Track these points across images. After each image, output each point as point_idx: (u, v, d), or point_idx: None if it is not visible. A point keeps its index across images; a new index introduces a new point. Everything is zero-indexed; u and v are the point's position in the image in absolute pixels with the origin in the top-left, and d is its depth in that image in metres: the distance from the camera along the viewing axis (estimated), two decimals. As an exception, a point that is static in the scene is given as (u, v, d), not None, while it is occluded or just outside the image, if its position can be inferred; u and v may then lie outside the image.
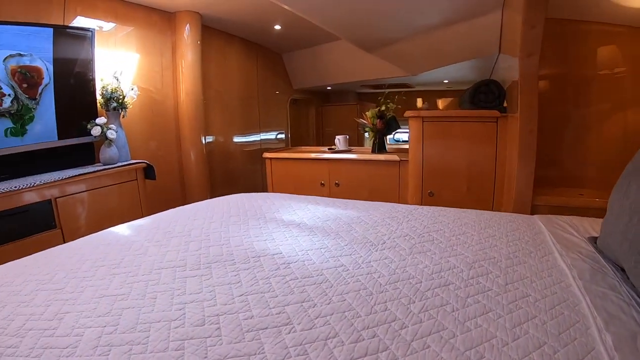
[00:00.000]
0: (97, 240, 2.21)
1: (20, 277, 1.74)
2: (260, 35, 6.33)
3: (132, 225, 2.46)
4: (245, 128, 6.64)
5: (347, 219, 2.35)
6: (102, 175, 3.81)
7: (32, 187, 3.30)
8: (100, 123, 3.88)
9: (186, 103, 5.20)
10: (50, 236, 3.43)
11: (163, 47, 5.09)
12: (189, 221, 2.42)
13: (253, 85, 6.70)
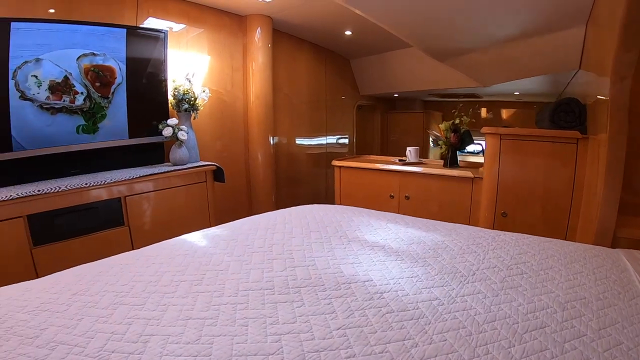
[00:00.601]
0: (172, 248, 2.13)
1: (95, 285, 1.66)
2: (329, 40, 6.23)
3: (207, 235, 2.37)
4: (312, 132, 6.55)
5: (431, 243, 2.19)
6: (172, 175, 3.78)
7: (104, 184, 3.31)
8: (172, 124, 3.83)
9: (256, 105, 5.14)
10: (118, 233, 3.45)
11: (233, 49, 5.04)
12: (268, 235, 2.31)
13: (321, 90, 6.59)
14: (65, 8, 3.61)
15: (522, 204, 3.58)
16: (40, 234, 3.05)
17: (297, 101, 6.07)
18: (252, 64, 5.09)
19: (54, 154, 3.43)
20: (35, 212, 3.02)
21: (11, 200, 2.87)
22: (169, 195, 3.77)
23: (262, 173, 5.25)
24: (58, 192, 3.10)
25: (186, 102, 4.05)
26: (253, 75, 5.10)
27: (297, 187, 6.20)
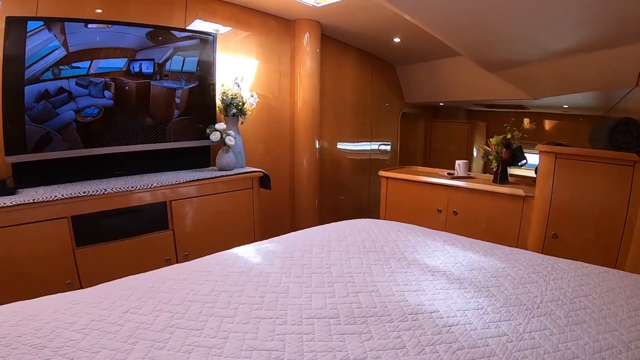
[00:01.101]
0: (226, 264, 2.03)
1: (147, 303, 1.57)
2: (376, 47, 6.09)
3: (260, 250, 2.28)
4: (355, 138, 6.39)
5: (492, 270, 2.06)
6: (218, 181, 3.70)
7: (151, 188, 3.26)
8: (219, 129, 3.76)
9: (303, 111, 5.04)
10: (162, 237, 3.40)
11: (281, 54, 4.95)
12: (324, 253, 2.21)
13: (366, 96, 6.44)
14: (114, 9, 3.61)
15: (574, 226, 3.41)
16: (83, 234, 3.01)
17: (342, 107, 5.93)
18: (300, 69, 5.00)
19: (101, 155, 3.43)
20: (79, 214, 2.99)
21: (57, 201, 2.85)
22: (214, 200, 3.70)
23: (307, 179, 5.15)
24: (104, 194, 3.06)
25: (234, 106, 3.97)
26: (301, 80, 5.03)
27: (340, 194, 6.07)
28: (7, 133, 3.06)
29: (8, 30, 2.98)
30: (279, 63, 4.93)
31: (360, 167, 6.50)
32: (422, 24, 4.00)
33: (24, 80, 3.05)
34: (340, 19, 4.86)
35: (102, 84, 3.39)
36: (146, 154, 3.73)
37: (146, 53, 3.59)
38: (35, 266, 2.83)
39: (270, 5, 4.55)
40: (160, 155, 3.83)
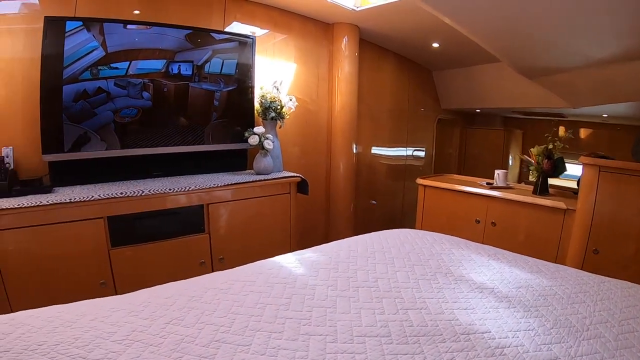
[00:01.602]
0: (269, 274, 1.97)
1: (190, 313, 1.49)
2: (414, 51, 5.95)
3: (303, 260, 2.21)
4: (391, 143, 6.25)
5: (539, 288, 1.96)
6: (257, 185, 3.63)
7: (189, 191, 3.22)
8: (258, 132, 3.70)
9: (341, 116, 4.93)
10: (198, 240, 3.35)
11: (319, 57, 4.86)
12: (370, 265, 2.13)
13: (403, 101, 6.30)
14: (152, 10, 3.58)
15: (616, 242, 3.24)
16: (119, 235, 2.99)
17: (378, 112, 5.81)
18: (338, 73, 4.89)
19: (138, 155, 3.40)
20: (116, 214, 2.97)
21: (94, 201, 2.83)
22: (251, 204, 3.63)
23: (343, 183, 5.04)
24: (142, 196, 3.02)
25: (273, 110, 3.89)
26: (339, 84, 4.93)
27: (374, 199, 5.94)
28: (44, 132, 3.04)
29: (47, 30, 2.97)
30: (317, 67, 4.84)
31: (395, 172, 6.36)
32: (462, 29, 3.88)
33: (63, 79, 3.04)
34: (379, 23, 4.76)
35: (140, 85, 3.35)
36: (183, 156, 3.69)
37: (185, 55, 3.54)
38: (69, 265, 2.82)
39: (309, 9, 4.47)
40: (198, 158, 3.79)
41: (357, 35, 4.95)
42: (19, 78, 3.13)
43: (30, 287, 2.74)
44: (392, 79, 5.99)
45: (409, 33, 5.06)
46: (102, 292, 2.73)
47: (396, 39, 5.40)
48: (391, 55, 5.91)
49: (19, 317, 1.46)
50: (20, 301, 2.68)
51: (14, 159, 3.10)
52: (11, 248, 2.66)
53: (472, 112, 8.19)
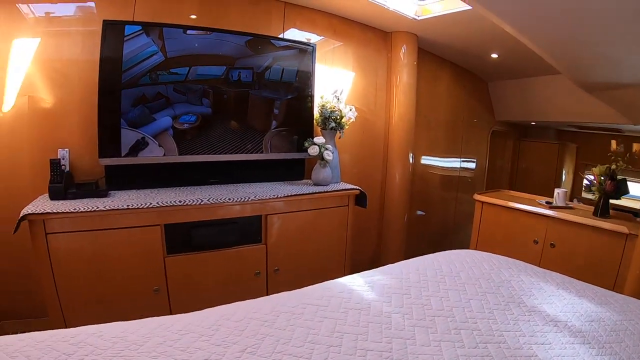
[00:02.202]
0: (340, 298, 1.90)
1: (264, 340, 1.43)
2: (471, 61, 5.78)
3: (372, 283, 2.12)
4: (445, 155, 6.04)
5: (610, 323, 1.86)
6: (316, 197, 3.52)
7: (249, 201, 3.14)
8: (318, 142, 3.59)
9: (398, 127, 4.77)
10: (255, 250, 3.29)
11: (378, 66, 4.72)
12: (442, 291, 2.06)
13: (459, 112, 6.08)
14: (211, 16, 3.56)
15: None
16: (175, 243, 2.98)
17: (435, 122, 5.62)
18: (397, 82, 4.75)
19: (195, 162, 3.35)
20: (173, 222, 2.92)
21: (151, 209, 2.78)
22: (309, 216, 3.53)
23: (398, 195, 4.87)
24: (200, 204, 2.96)
25: (333, 120, 3.77)
26: (397, 94, 4.77)
27: (426, 210, 5.74)
28: (102, 135, 3.02)
29: (105, 34, 2.95)
30: (376, 76, 4.71)
31: (448, 184, 6.14)
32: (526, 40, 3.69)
33: (121, 83, 3.01)
34: (438, 32, 4.61)
35: (200, 91, 3.29)
36: (241, 164, 3.62)
37: (245, 61, 3.47)
38: (124, 270, 2.80)
39: (369, 17, 4.35)
40: (255, 166, 3.71)
41: (416, 44, 4.80)
42: (75, 80, 3.13)
43: (83, 290, 2.72)
44: (448, 89, 5.79)
45: (468, 43, 4.90)
46: (155, 299, 2.81)
47: (454, 49, 5.23)
48: (448, 65, 5.73)
49: (81, 335, 1.40)
50: (71, 305, 2.69)
51: (69, 161, 3.08)
52: (65, 251, 2.64)
53: (525, 124, 7.90)
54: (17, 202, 2.80)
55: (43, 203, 2.72)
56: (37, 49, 3.05)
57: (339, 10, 4.19)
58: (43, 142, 3.12)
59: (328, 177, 3.69)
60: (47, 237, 2.59)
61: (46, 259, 2.60)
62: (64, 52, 3.15)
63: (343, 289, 2.00)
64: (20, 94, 3.04)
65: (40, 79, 3.09)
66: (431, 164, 5.78)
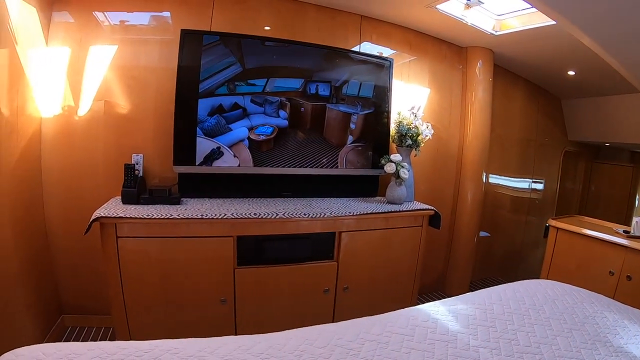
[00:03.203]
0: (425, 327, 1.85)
1: None
2: (545, 78, 5.54)
3: (456, 312, 2.06)
4: (516, 175, 5.77)
5: None
6: (391, 216, 3.39)
7: (324, 217, 3.05)
8: (395, 160, 3.48)
9: (473, 146, 4.61)
10: (326, 267, 3.20)
11: (453, 83, 4.57)
12: (527, 325, 1.96)
13: (531, 131, 5.80)
14: (287, 29, 3.55)
15: None
16: (246, 255, 2.95)
17: (509, 143, 5.40)
18: (472, 99, 4.58)
19: (269, 174, 3.33)
20: (246, 234, 2.89)
21: (225, 220, 2.75)
22: (382, 234, 3.39)
23: (469, 215, 4.68)
24: (275, 218, 2.90)
25: (409, 137, 3.64)
26: (472, 112, 4.60)
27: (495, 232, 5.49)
28: (177, 143, 3.02)
29: (183, 43, 2.97)
30: (450, 92, 4.54)
31: (517, 205, 5.85)
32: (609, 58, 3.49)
33: (199, 93, 3.00)
34: (515, 48, 4.44)
35: (277, 103, 3.25)
36: (314, 178, 3.56)
37: (323, 75, 3.41)
38: (192, 278, 2.80)
39: (444, 31, 4.23)
40: (329, 181, 3.65)
41: (492, 60, 4.63)
42: (151, 87, 3.18)
43: (148, 294, 2.73)
44: (521, 107, 5.55)
45: (545, 59, 4.70)
46: (220, 309, 2.87)
47: (529, 65, 5.03)
48: (521, 82, 5.50)
49: (155, 351, 1.37)
50: (135, 306, 2.70)
51: (143, 167, 3.10)
52: (134, 255, 2.66)
53: (598, 144, 7.52)
54: (90, 203, 2.91)
55: (115, 206, 2.75)
56: (114, 55, 3.11)
57: (416, 24, 4.08)
58: (118, 146, 3.17)
59: (403, 195, 3.57)
60: (117, 240, 2.61)
61: (115, 262, 2.61)
62: (141, 60, 3.21)
63: (427, 317, 1.94)
64: (97, 98, 3.10)
65: (116, 84, 3.15)
66: (500, 183, 5.54)
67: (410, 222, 3.53)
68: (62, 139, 3.08)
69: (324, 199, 3.55)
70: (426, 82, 4.35)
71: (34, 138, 2.95)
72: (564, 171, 6.75)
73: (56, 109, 3.05)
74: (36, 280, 2.92)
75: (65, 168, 3.11)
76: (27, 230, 2.83)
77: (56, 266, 3.20)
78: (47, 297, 3.09)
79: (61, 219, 3.14)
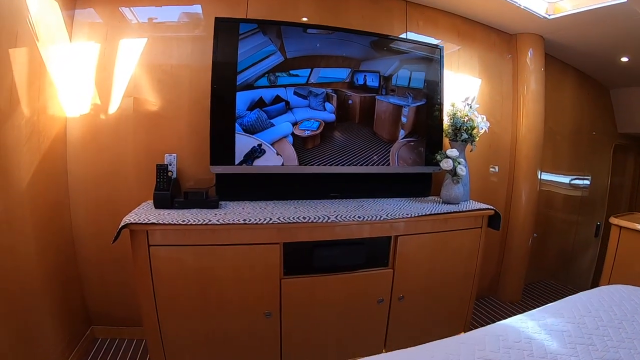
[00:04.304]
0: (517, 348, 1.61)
1: None
2: (595, 66, 5.16)
3: (547, 328, 1.82)
4: (567, 171, 5.40)
5: None
6: (450, 217, 3.04)
7: (380, 220, 2.73)
8: (452, 156, 3.15)
9: (527, 140, 4.23)
10: (380, 275, 2.90)
11: (503, 72, 4.22)
12: (625, 340, 1.72)
13: (581, 124, 5.41)
14: (331, 15, 3.29)
15: None
16: (293, 264, 2.65)
17: (560, 136, 5.02)
18: (524, 91, 4.23)
19: (314, 173, 3.02)
20: (293, 241, 2.62)
21: (271, 225, 2.49)
22: (439, 238, 3.05)
23: (523, 215, 4.33)
24: (326, 222, 2.59)
25: (464, 131, 3.31)
26: (524, 104, 4.24)
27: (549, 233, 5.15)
28: (214, 141, 2.75)
29: (218, 32, 2.71)
30: (501, 83, 4.21)
31: (566, 203, 5.46)
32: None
33: (236, 86, 2.72)
34: (567, 33, 4.09)
35: (323, 95, 2.95)
36: (363, 177, 3.25)
37: (370, 64, 3.11)
38: (233, 290, 2.54)
39: (493, 17, 3.90)
40: (380, 180, 3.33)
41: (543, 48, 4.26)
42: (184, 82, 2.96)
43: (184, 306, 2.49)
44: (571, 98, 5.17)
45: (598, 45, 4.33)
46: (264, 323, 2.62)
47: (579, 52, 4.65)
48: (570, 71, 5.12)
49: None
50: (169, 319, 2.48)
51: (177, 168, 2.86)
52: (169, 265, 2.42)
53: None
54: (120, 208, 2.73)
55: (147, 211, 2.49)
56: (143, 50, 2.90)
57: (464, 9, 3.77)
58: (149, 146, 2.95)
59: (460, 194, 3.24)
60: (149, 249, 2.35)
61: (147, 272, 2.36)
62: (173, 54, 2.98)
63: (518, 336, 1.70)
64: (126, 95, 2.90)
65: (146, 80, 2.94)
66: (551, 179, 5.16)
67: (469, 223, 3.18)
68: (89, 139, 2.91)
69: (375, 200, 3.24)
70: (476, 72, 4.02)
71: (59, 139, 2.78)
72: (614, 166, 6.30)
73: (82, 108, 2.88)
74: (62, 289, 2.78)
75: (93, 171, 2.94)
76: (51, 236, 2.67)
77: (84, 275, 3.05)
78: (74, 307, 2.95)
79: (89, 225, 2.98)
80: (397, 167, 3.28)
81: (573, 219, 5.55)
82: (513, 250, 4.40)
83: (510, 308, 4.22)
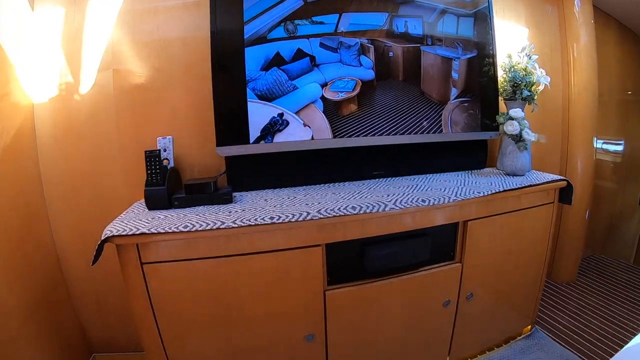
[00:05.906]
0: None
1: None
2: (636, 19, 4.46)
3: None
4: (615, 136, 4.79)
5: None
6: (524, 192, 2.35)
7: (448, 203, 2.06)
8: (517, 116, 2.48)
9: (580, 99, 3.60)
10: (445, 274, 2.23)
11: (550, 22, 3.61)
12: None
13: (626, 84, 4.76)
14: None
15: None
16: (339, 270, 1.98)
17: (607, 97, 4.36)
18: (574, 44, 3.60)
19: (351, 147, 2.35)
20: (339, 240, 1.91)
21: (308, 221, 1.78)
22: (510, 220, 2.39)
23: (579, 189, 3.67)
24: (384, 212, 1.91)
25: (525, 87, 2.63)
26: (575, 59, 3.59)
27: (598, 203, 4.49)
28: (221, 115, 2.11)
29: None
30: (549, 34, 3.59)
31: (612, 171, 4.89)
32: None
33: (244, 40, 2.10)
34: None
35: (357, 47, 2.32)
36: (410, 148, 2.58)
37: (410, 8, 2.45)
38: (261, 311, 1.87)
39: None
40: (430, 151, 2.66)
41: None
42: (177, 41, 2.38)
43: (198, 338, 1.82)
44: (615, 55, 4.53)
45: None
46: (306, 349, 1.99)
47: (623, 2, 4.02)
48: (613, 23, 4.48)
49: None
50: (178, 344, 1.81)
51: (173, 154, 2.21)
52: (171, 286, 1.74)
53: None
54: (107, 211, 2.18)
55: (138, 215, 1.84)
56: (121, 8, 2.31)
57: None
58: (137, 129, 2.36)
59: (527, 164, 2.56)
60: (143, 268, 1.68)
61: (143, 296, 1.70)
62: (159, 8, 2.34)
63: None
64: (103, 68, 2.30)
65: (128, 47, 2.32)
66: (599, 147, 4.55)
67: (541, 198, 2.53)
68: (62, 128, 2.30)
69: (426, 176, 2.60)
70: (522, 20, 3.39)
71: (25, 132, 2.20)
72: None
73: (51, 91, 2.27)
74: (53, 320, 2.28)
75: (71, 168, 2.33)
76: (28, 260, 2.15)
77: (77, 299, 2.50)
78: (71, 336, 2.45)
79: (75, 239, 2.39)
80: (451, 134, 2.62)
81: (617, 188, 4.98)
82: (569, 226, 3.77)
83: (569, 290, 3.68)
